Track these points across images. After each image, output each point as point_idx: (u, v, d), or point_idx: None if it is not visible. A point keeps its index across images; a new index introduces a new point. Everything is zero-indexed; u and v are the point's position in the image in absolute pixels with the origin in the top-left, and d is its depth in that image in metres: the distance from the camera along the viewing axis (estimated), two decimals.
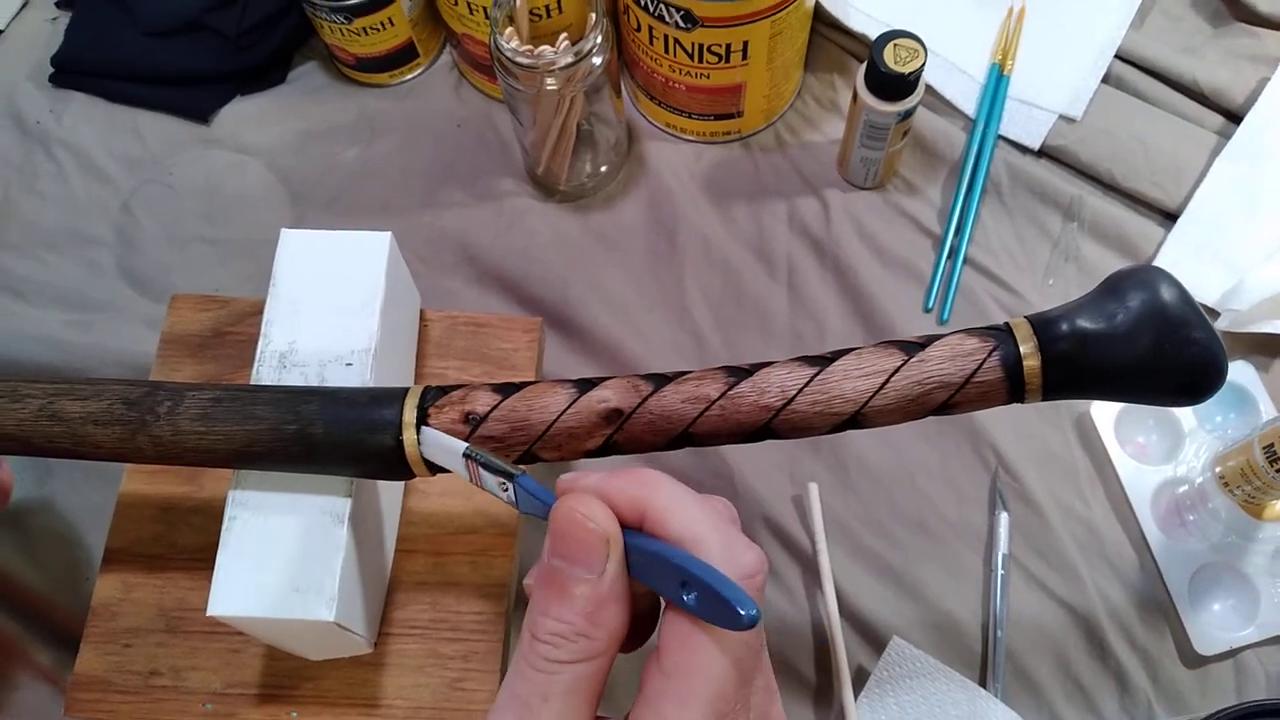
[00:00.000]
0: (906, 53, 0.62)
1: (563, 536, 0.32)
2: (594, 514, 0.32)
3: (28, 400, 0.44)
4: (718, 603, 0.30)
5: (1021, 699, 0.59)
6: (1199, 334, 0.38)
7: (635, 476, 0.33)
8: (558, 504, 0.33)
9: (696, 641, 0.31)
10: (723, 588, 0.30)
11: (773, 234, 0.71)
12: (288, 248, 0.50)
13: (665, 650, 0.32)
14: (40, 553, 0.63)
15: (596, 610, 0.32)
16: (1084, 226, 0.70)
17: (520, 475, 0.35)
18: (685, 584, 0.31)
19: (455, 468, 0.38)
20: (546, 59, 0.60)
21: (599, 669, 0.32)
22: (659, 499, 0.33)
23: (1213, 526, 0.62)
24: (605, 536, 0.32)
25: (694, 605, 0.31)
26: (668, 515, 0.32)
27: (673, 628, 0.32)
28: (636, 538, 0.33)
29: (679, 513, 0.32)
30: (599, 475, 0.34)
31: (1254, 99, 0.71)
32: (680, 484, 0.33)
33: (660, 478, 0.33)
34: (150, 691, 0.50)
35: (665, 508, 0.33)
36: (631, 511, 0.33)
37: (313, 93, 0.77)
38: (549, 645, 0.31)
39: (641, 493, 0.33)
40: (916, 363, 0.40)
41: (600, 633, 0.32)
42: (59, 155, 0.75)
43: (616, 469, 0.34)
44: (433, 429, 0.41)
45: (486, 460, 0.36)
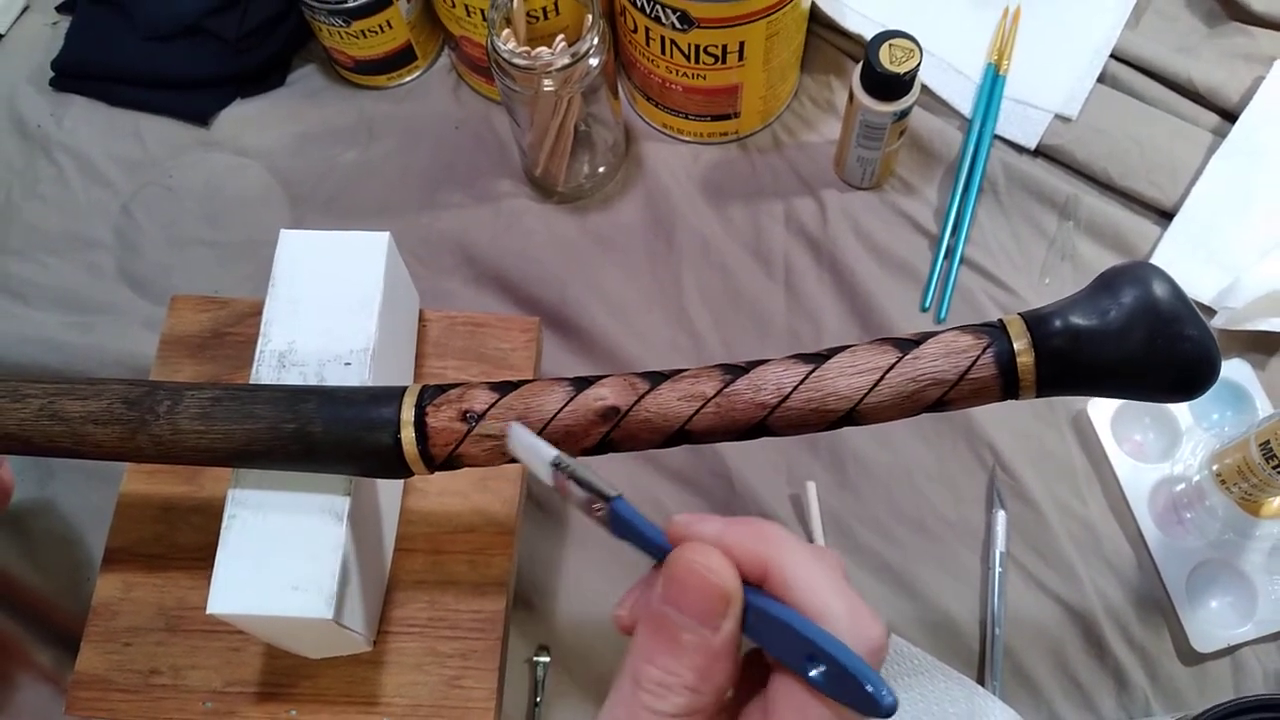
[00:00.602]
0: (902, 53, 0.62)
1: (681, 586, 0.31)
2: (715, 567, 0.31)
3: (29, 400, 0.44)
4: (852, 685, 0.29)
5: (1019, 697, 0.59)
6: (1192, 330, 0.38)
7: (757, 530, 0.32)
8: (677, 551, 0.32)
9: (814, 713, 0.30)
10: (861, 673, 0.29)
11: (770, 234, 0.71)
12: (287, 248, 0.50)
13: (776, 713, 0.30)
14: (41, 554, 0.63)
15: (708, 666, 0.31)
16: (1080, 225, 0.70)
17: (617, 499, 0.33)
18: (812, 657, 0.30)
19: (542, 475, 0.35)
20: (544, 60, 0.61)
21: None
22: (784, 557, 0.31)
23: (1210, 524, 0.62)
24: (727, 594, 0.31)
25: (819, 681, 0.29)
26: (792, 578, 0.31)
27: (787, 692, 0.30)
28: (758, 598, 0.31)
29: (805, 578, 0.31)
30: (719, 522, 0.32)
31: (1249, 98, 0.71)
32: (800, 540, 0.32)
33: (782, 533, 0.32)
34: (151, 690, 0.50)
35: (789, 569, 0.31)
36: (753, 567, 0.31)
37: (312, 95, 0.77)
38: (651, 695, 0.30)
39: (764, 550, 0.31)
40: (911, 360, 0.40)
41: (707, 689, 0.31)
42: (59, 159, 0.75)
43: (736, 518, 0.32)
44: (521, 427, 0.37)
45: (576, 473, 0.33)
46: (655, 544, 0.33)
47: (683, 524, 0.33)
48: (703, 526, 0.32)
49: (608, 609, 0.60)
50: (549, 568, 0.61)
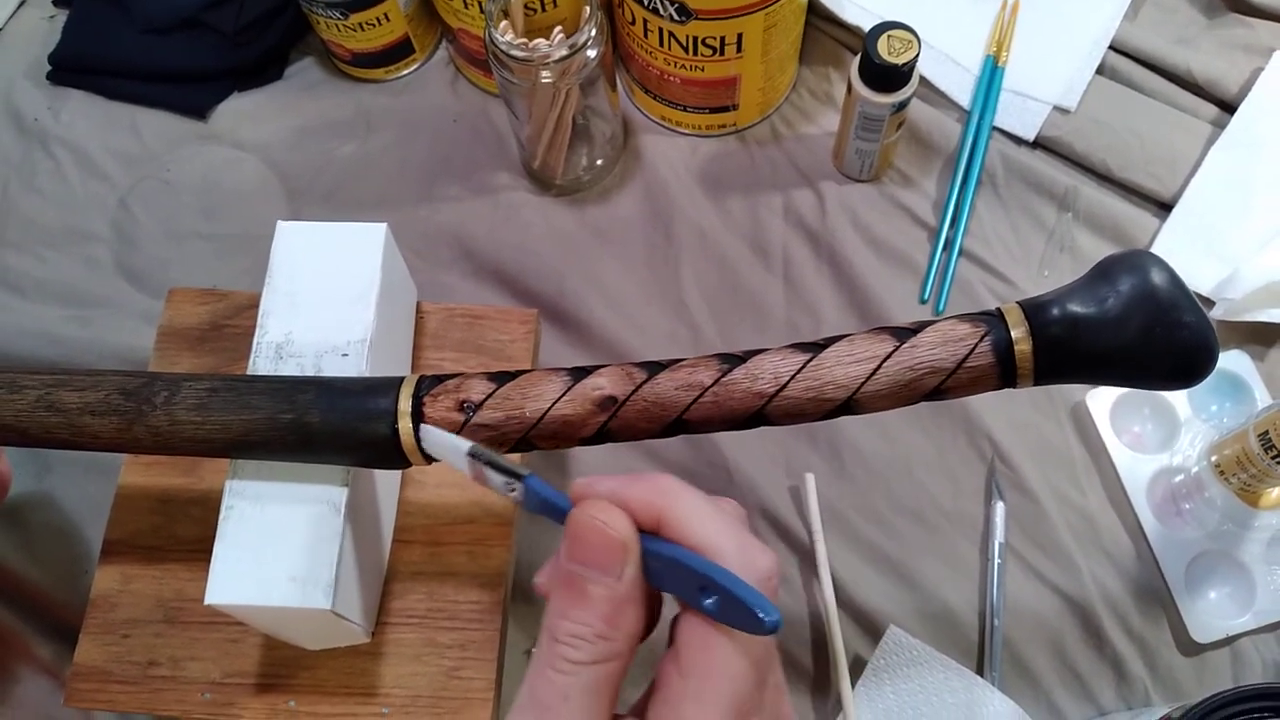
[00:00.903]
0: (900, 44, 0.62)
1: (581, 542, 0.32)
2: (611, 519, 0.32)
3: (25, 391, 0.44)
4: (739, 608, 0.30)
5: (1018, 687, 0.59)
6: (1190, 318, 0.38)
7: (651, 482, 0.34)
8: (575, 510, 0.33)
9: (715, 643, 0.31)
10: (744, 593, 0.30)
11: (768, 226, 0.71)
12: (284, 240, 0.50)
13: (683, 651, 0.32)
14: (39, 547, 0.63)
15: (615, 613, 0.32)
16: (1079, 217, 0.70)
17: (529, 476, 0.35)
18: (704, 589, 0.31)
19: (459, 465, 0.37)
20: (541, 52, 0.61)
21: (617, 670, 0.32)
22: (675, 505, 0.33)
23: (1209, 515, 0.62)
24: (623, 542, 0.32)
25: (714, 609, 0.31)
26: (684, 522, 0.33)
27: (690, 629, 0.32)
28: (653, 543, 0.33)
29: (695, 519, 0.33)
30: (615, 480, 0.34)
31: (1248, 89, 0.71)
32: (694, 489, 0.34)
33: (675, 483, 0.34)
34: (149, 681, 0.50)
35: (682, 514, 0.33)
36: (648, 517, 0.33)
37: (309, 88, 0.77)
38: (568, 647, 0.32)
39: (658, 499, 0.33)
40: (908, 348, 0.40)
41: (619, 634, 0.32)
42: (57, 152, 0.75)
43: (632, 474, 0.34)
44: (433, 426, 0.40)
45: (492, 460, 0.35)
46: (564, 511, 0.34)
47: (583, 485, 0.34)
48: (600, 485, 0.34)
49: None
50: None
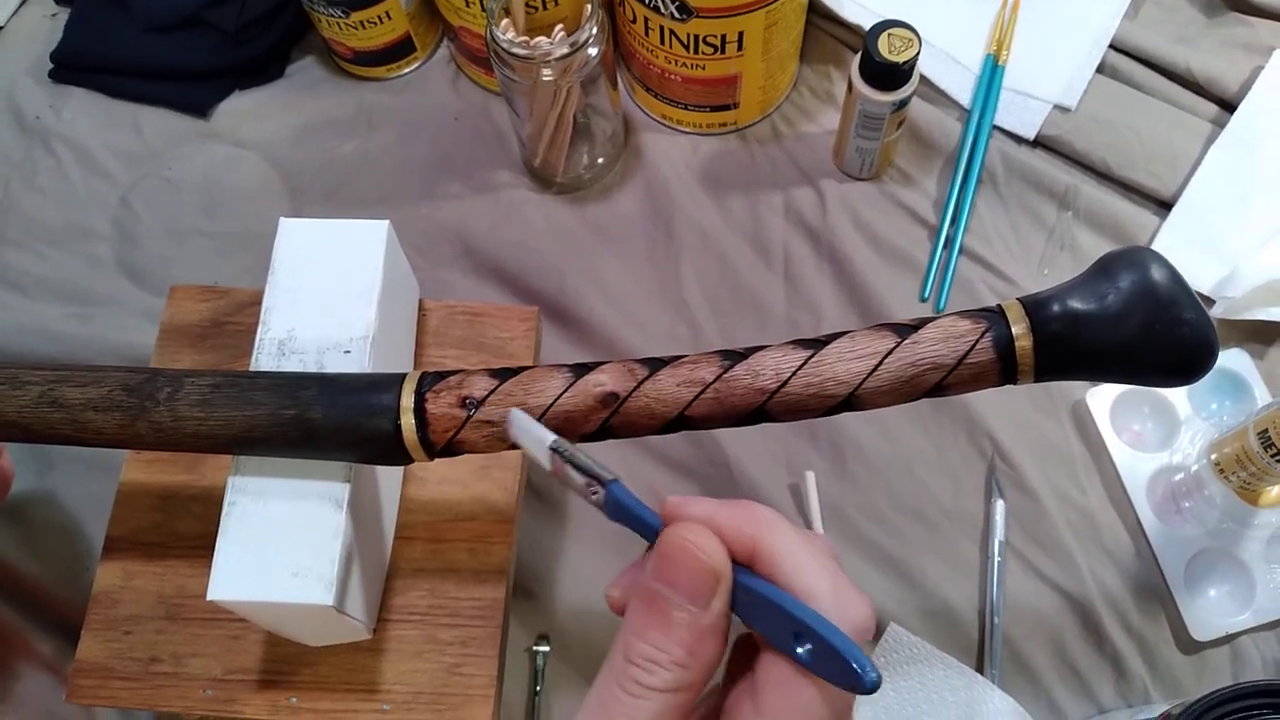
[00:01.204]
0: (901, 42, 0.62)
1: (671, 563, 0.31)
2: (706, 545, 0.31)
3: (28, 387, 0.44)
4: (837, 662, 0.29)
5: (1018, 685, 0.59)
6: (1190, 314, 0.38)
7: (748, 511, 0.33)
8: (669, 529, 0.32)
9: (801, 691, 0.30)
10: (846, 648, 0.29)
11: (769, 225, 0.71)
12: (287, 236, 0.50)
13: (763, 690, 0.31)
14: (41, 544, 0.63)
15: (696, 642, 0.31)
16: (1079, 215, 0.70)
17: (613, 481, 0.33)
18: (799, 635, 0.30)
19: (540, 459, 0.36)
20: (542, 50, 0.61)
21: (689, 700, 0.31)
22: (772, 539, 0.32)
23: (1208, 513, 0.62)
24: (716, 572, 0.31)
25: (806, 659, 0.30)
26: (781, 558, 0.32)
27: (775, 671, 0.31)
28: (747, 577, 0.32)
29: (792, 557, 0.32)
30: (710, 504, 0.33)
31: (1248, 87, 0.71)
32: (789, 523, 0.33)
33: (772, 516, 0.33)
34: (151, 678, 0.50)
35: (779, 549, 0.32)
36: (742, 547, 0.32)
37: (311, 87, 0.77)
38: (642, 670, 0.31)
39: (754, 530, 0.32)
40: (910, 344, 0.40)
41: (696, 664, 0.31)
42: (58, 150, 0.75)
43: (727, 500, 0.33)
44: (521, 412, 0.38)
45: (574, 458, 0.34)
46: (650, 526, 0.33)
47: (676, 504, 0.33)
48: (694, 507, 0.33)
49: None
50: (549, 557, 0.62)
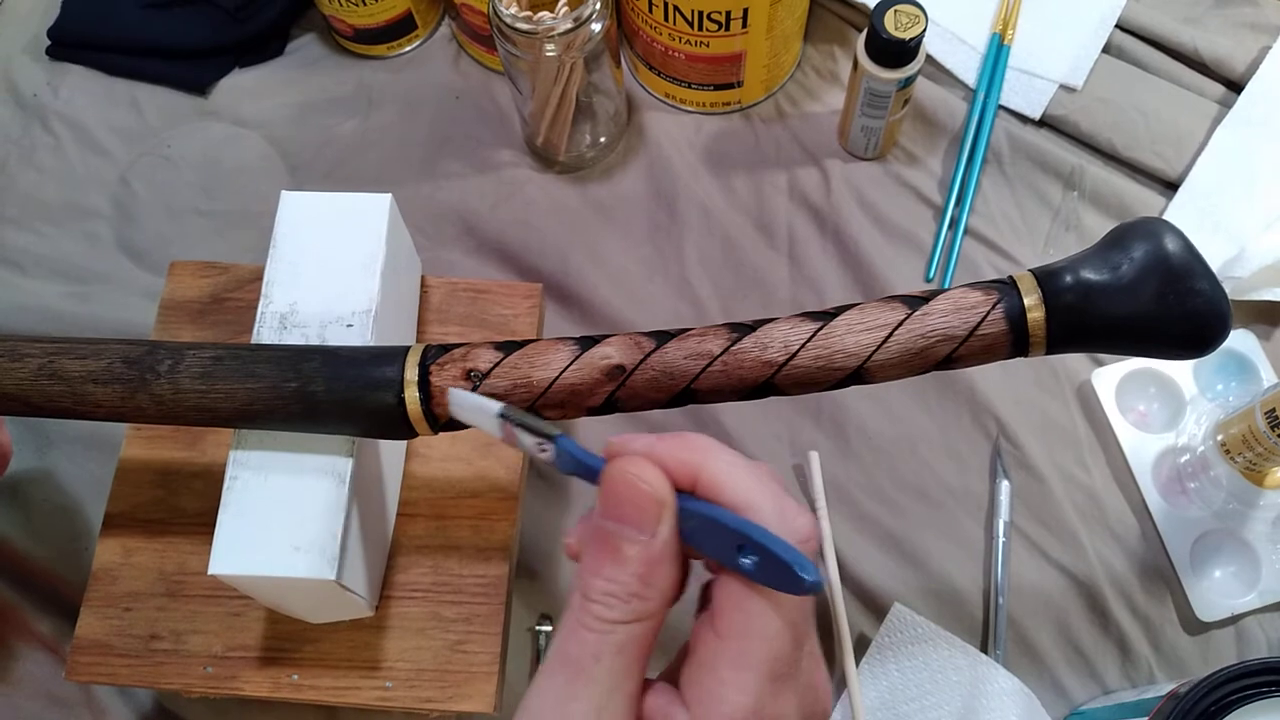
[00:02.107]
0: (907, 19, 0.62)
1: (615, 498, 0.32)
2: (647, 476, 0.32)
3: (27, 359, 0.44)
4: (779, 567, 0.30)
5: (1023, 665, 0.59)
6: (1203, 284, 0.38)
7: (687, 441, 0.33)
8: (610, 465, 0.32)
9: (753, 605, 0.31)
10: (784, 552, 0.30)
11: (773, 204, 0.70)
12: (288, 210, 0.50)
13: (720, 613, 0.31)
14: (40, 523, 0.63)
15: (649, 571, 0.31)
16: (1085, 196, 0.70)
17: (560, 436, 0.34)
18: (742, 548, 0.31)
19: (489, 428, 0.37)
20: (546, 25, 0.60)
21: (650, 629, 0.32)
22: (712, 463, 0.32)
23: (1214, 494, 0.62)
24: (658, 498, 0.32)
25: (751, 570, 0.31)
26: (721, 480, 0.32)
27: (726, 591, 0.32)
28: (689, 501, 0.32)
29: (732, 478, 0.32)
30: (650, 438, 0.33)
31: (1255, 68, 0.71)
32: (731, 450, 0.33)
33: (711, 443, 0.33)
34: (151, 655, 0.50)
35: (718, 472, 0.32)
36: (683, 475, 0.33)
37: (311, 64, 0.77)
38: (601, 605, 0.31)
39: (694, 457, 0.33)
40: (920, 316, 0.40)
41: (652, 593, 0.32)
42: (56, 128, 0.75)
43: (668, 433, 0.33)
44: (461, 390, 0.39)
45: (522, 420, 0.35)
46: (598, 471, 0.33)
47: (617, 443, 0.33)
48: (634, 443, 0.33)
49: None
50: (553, 538, 0.61)
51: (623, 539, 0.32)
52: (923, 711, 0.57)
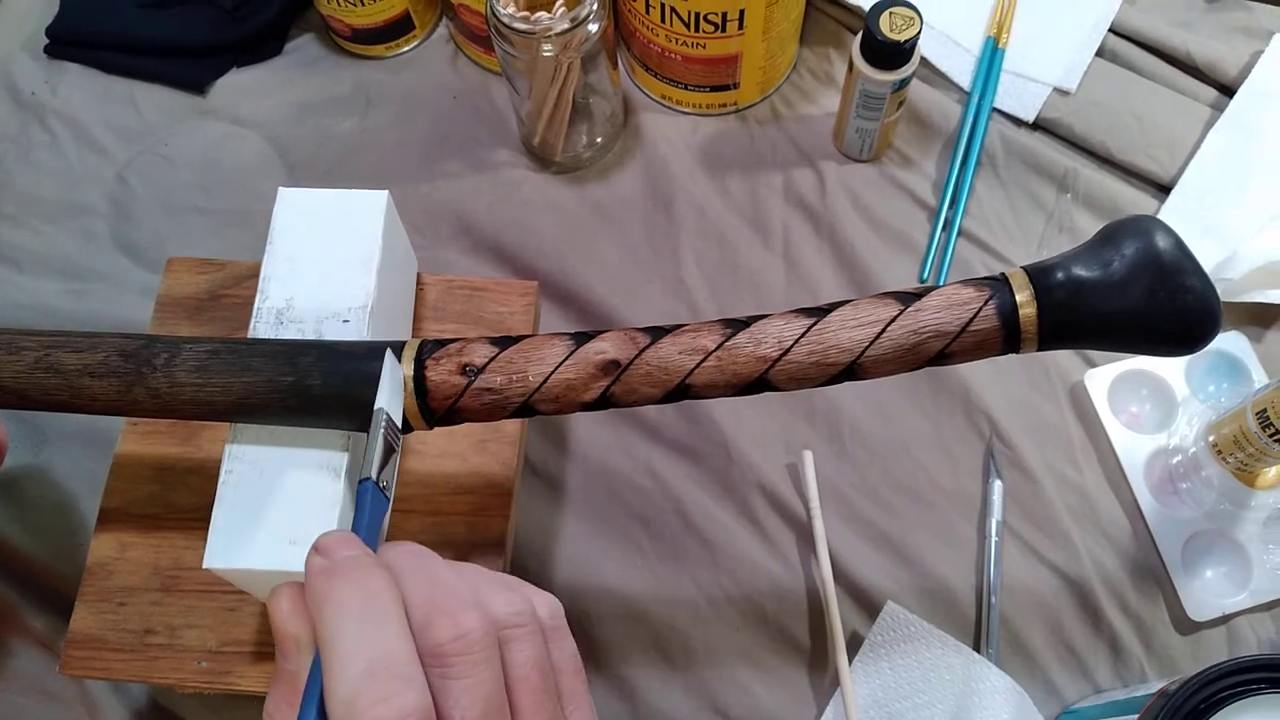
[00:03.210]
0: (902, 20, 0.62)
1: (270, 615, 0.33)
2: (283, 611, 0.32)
3: (24, 352, 0.44)
4: None
5: (1015, 664, 0.59)
6: (1194, 281, 0.38)
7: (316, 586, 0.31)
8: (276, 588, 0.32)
9: None
10: None
11: (768, 206, 0.71)
12: (285, 206, 0.50)
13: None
14: (35, 519, 0.63)
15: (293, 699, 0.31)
16: (1078, 198, 0.70)
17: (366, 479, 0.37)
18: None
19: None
20: (543, 25, 0.60)
21: None
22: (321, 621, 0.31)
23: (1206, 494, 0.62)
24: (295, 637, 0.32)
25: None
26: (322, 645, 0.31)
27: None
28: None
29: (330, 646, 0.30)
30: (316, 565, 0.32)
31: (1247, 72, 0.71)
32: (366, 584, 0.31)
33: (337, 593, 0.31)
34: (145, 650, 0.50)
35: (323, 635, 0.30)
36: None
37: (309, 64, 0.77)
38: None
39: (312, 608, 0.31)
40: (913, 312, 0.40)
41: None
42: (54, 126, 0.75)
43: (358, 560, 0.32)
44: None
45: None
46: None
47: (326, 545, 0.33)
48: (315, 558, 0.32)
49: (604, 576, 0.61)
50: (547, 536, 0.61)
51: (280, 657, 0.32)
52: (915, 710, 0.57)
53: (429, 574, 0.32)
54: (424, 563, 0.33)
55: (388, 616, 0.30)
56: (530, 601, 0.33)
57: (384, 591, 0.31)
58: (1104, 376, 0.65)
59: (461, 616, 0.31)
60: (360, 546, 0.33)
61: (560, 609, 0.35)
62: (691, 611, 0.60)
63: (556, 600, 0.35)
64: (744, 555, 0.61)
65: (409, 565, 0.32)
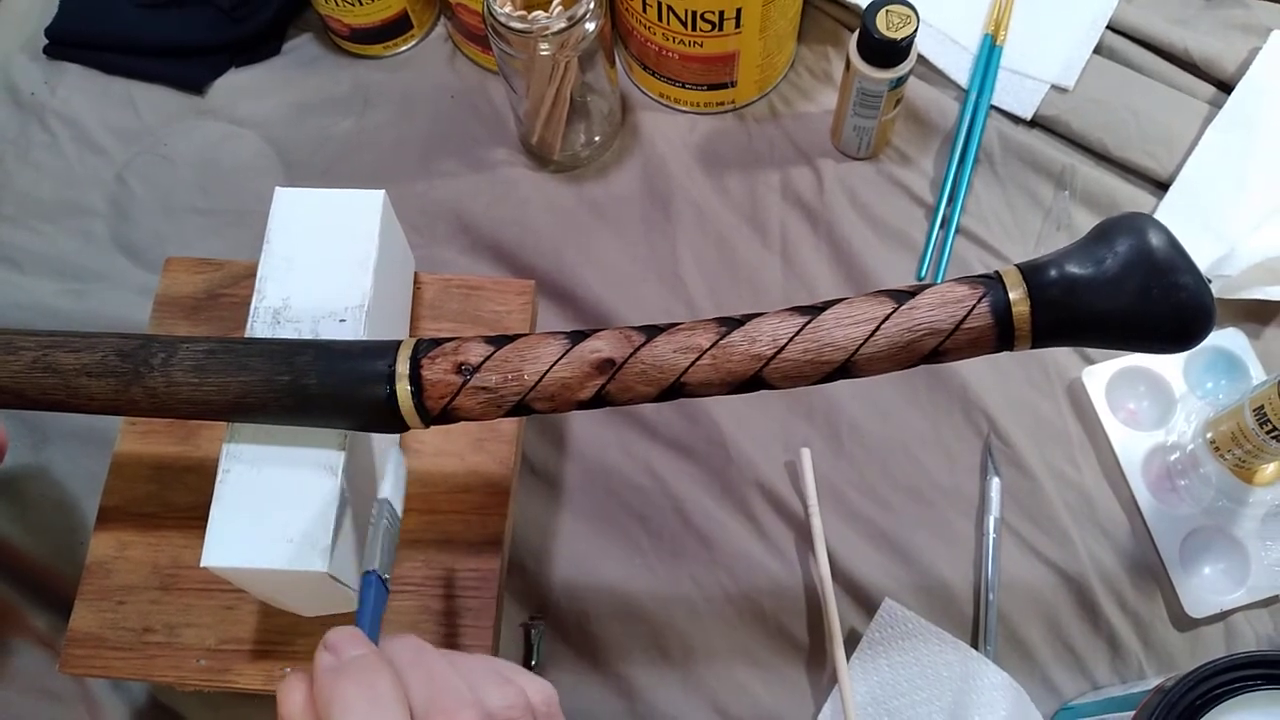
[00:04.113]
0: (899, 19, 0.62)
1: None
2: (287, 702, 0.34)
3: (22, 352, 0.44)
4: None
5: (1013, 661, 0.59)
6: (1187, 278, 0.38)
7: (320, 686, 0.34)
8: (288, 678, 0.35)
9: None
10: None
11: (766, 204, 0.71)
12: (282, 206, 0.50)
13: None
14: (35, 519, 0.63)
15: None
16: (1076, 195, 0.70)
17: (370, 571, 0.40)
18: None
19: None
20: (540, 24, 0.61)
21: None
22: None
23: (1204, 491, 0.62)
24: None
25: None
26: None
27: None
28: None
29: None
30: (324, 661, 0.35)
31: (1245, 69, 0.71)
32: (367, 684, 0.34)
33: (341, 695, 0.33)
34: (144, 648, 0.50)
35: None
36: None
37: (307, 64, 0.77)
38: None
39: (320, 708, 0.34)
40: (907, 310, 0.40)
41: None
42: (53, 126, 0.75)
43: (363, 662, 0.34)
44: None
45: None
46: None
47: (335, 642, 0.35)
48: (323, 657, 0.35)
49: (602, 574, 0.61)
50: (545, 534, 0.61)
51: None
52: (913, 706, 0.57)
53: (428, 671, 0.35)
54: (423, 658, 0.35)
55: (392, 717, 0.33)
56: (524, 692, 0.36)
57: (388, 692, 0.33)
58: (1102, 373, 0.65)
59: (459, 715, 0.33)
60: (366, 644, 0.35)
61: (554, 696, 0.37)
62: (690, 609, 0.60)
63: (550, 687, 0.37)
64: (742, 553, 0.61)
65: (409, 661, 0.35)
